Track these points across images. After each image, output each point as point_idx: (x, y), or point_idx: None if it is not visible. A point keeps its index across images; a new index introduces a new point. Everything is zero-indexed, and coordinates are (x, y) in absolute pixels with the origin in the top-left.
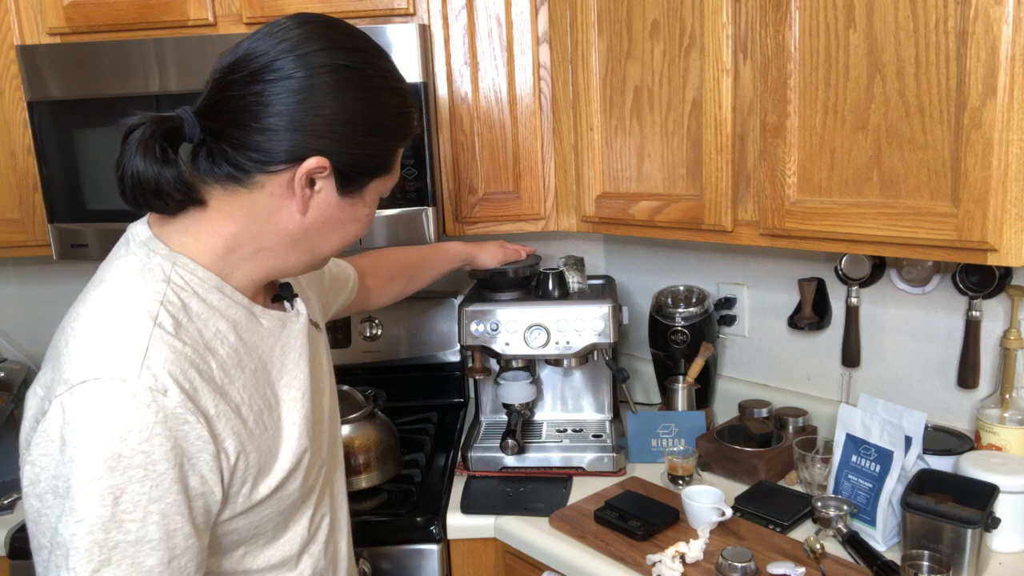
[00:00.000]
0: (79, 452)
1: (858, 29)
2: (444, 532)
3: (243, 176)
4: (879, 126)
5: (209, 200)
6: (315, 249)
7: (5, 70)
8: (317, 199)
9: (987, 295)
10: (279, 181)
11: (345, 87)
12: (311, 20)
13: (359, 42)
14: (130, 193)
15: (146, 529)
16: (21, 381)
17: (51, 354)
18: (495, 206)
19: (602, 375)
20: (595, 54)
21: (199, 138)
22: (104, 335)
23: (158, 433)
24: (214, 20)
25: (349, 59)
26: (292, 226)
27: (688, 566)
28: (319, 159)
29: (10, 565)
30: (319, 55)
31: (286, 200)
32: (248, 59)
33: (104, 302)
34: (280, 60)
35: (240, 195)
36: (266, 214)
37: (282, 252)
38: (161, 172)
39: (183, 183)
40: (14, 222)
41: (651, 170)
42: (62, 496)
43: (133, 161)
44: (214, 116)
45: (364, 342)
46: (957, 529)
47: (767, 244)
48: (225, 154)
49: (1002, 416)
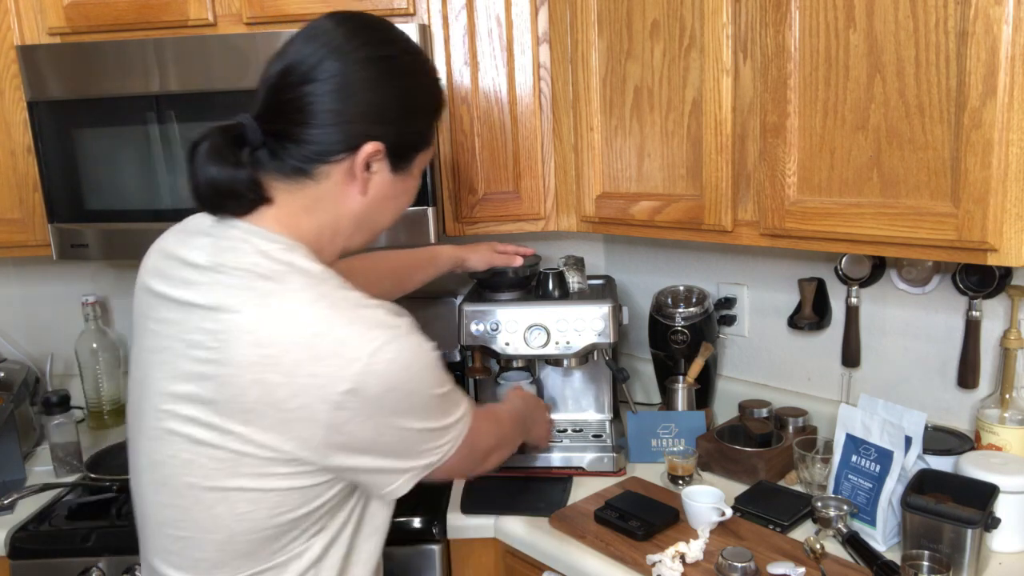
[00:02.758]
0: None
1: (858, 29)
2: (444, 532)
3: (308, 168)
4: (879, 126)
5: (276, 197)
6: (375, 225)
7: (5, 70)
8: (375, 179)
9: (987, 295)
10: (340, 169)
11: (389, 76)
12: (348, 19)
13: (392, 33)
14: (207, 199)
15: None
16: (21, 381)
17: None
18: (495, 206)
19: (602, 375)
20: (595, 54)
21: (260, 141)
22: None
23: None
24: (214, 20)
25: (388, 50)
26: (356, 208)
27: (688, 566)
28: (374, 144)
29: (10, 565)
30: (362, 50)
31: (348, 186)
32: (298, 63)
33: (321, 298)
34: (327, 60)
35: (307, 187)
36: (333, 201)
37: (350, 234)
38: (235, 175)
39: (256, 183)
40: (14, 222)
41: (651, 170)
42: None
43: (206, 169)
44: (274, 118)
45: None
46: (957, 529)
47: (767, 244)
48: (288, 151)
49: (1002, 416)
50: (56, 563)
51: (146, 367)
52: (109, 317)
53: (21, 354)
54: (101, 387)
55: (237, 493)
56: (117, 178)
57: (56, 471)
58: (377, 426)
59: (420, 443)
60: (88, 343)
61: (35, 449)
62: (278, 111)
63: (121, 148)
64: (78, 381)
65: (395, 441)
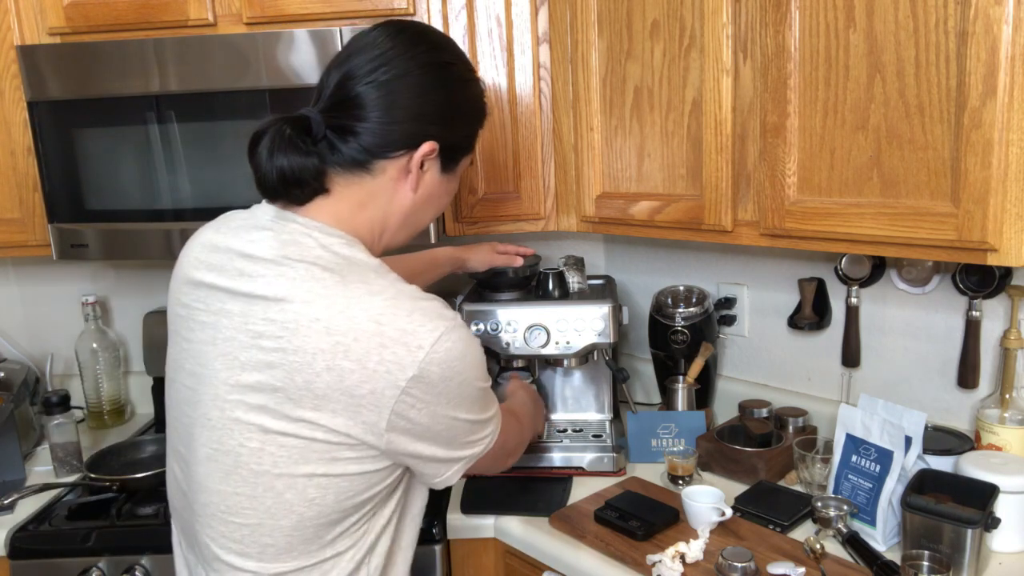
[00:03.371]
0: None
1: (858, 29)
2: (444, 532)
3: (367, 161)
4: (879, 126)
5: (332, 188)
6: (418, 222)
7: (5, 70)
8: (425, 178)
9: (987, 295)
10: (397, 165)
11: (447, 80)
12: (409, 27)
13: (446, 42)
14: (271, 186)
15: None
16: (21, 381)
17: (379, 342)
18: (495, 206)
19: (602, 375)
20: (595, 54)
21: (323, 134)
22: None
23: (480, 347)
24: (214, 20)
25: (447, 57)
26: (407, 204)
27: (688, 566)
28: (431, 143)
29: (10, 565)
30: (425, 55)
31: (401, 182)
32: (362, 64)
33: (384, 289)
34: (394, 61)
35: (364, 181)
36: (387, 197)
37: (397, 230)
38: (304, 163)
39: (321, 172)
40: (14, 222)
41: (651, 170)
42: (465, 398)
43: (275, 158)
44: (338, 113)
45: None
46: (957, 529)
47: (767, 244)
48: (349, 144)
49: (1002, 416)
50: (56, 563)
51: (203, 359)
52: (109, 317)
53: (21, 354)
54: (101, 387)
55: (306, 479)
56: (117, 178)
57: (56, 471)
58: (433, 414)
59: (467, 434)
60: (88, 343)
61: (35, 449)
62: (343, 106)
63: (121, 148)
64: (78, 381)
65: (445, 429)
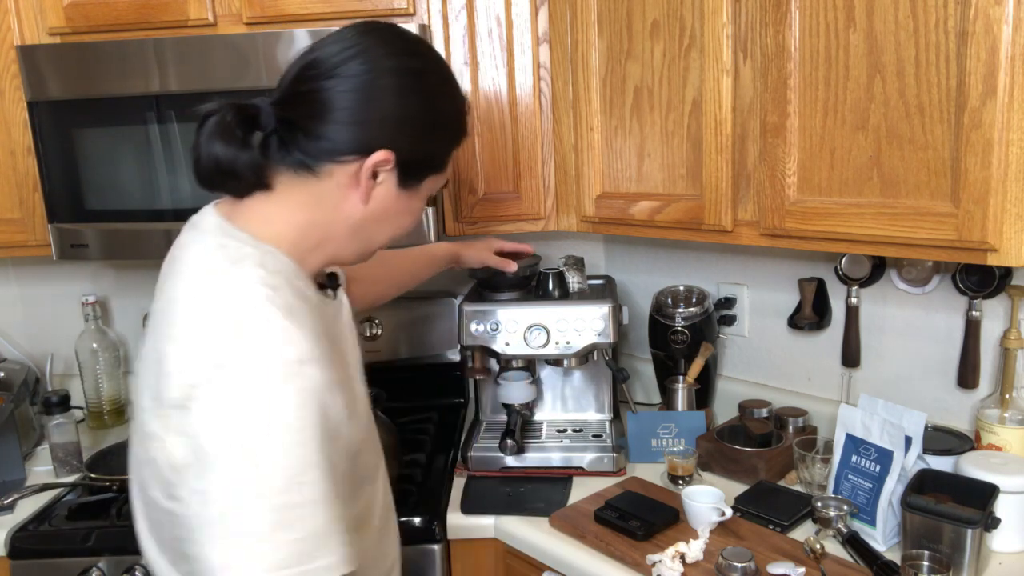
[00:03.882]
0: (241, 427)
1: (858, 29)
2: (444, 532)
3: (314, 164)
4: (879, 126)
5: (276, 186)
6: (371, 239)
7: (5, 70)
8: (379, 190)
9: (987, 295)
10: (346, 171)
11: (414, 89)
12: (384, 27)
13: (424, 48)
14: (206, 174)
15: (308, 490)
16: (21, 381)
17: (177, 341)
18: (495, 206)
19: (602, 375)
20: (595, 54)
21: (272, 127)
22: (231, 320)
23: (305, 403)
24: (214, 20)
25: (417, 64)
26: (355, 215)
27: (688, 566)
28: (386, 152)
29: (10, 565)
30: (392, 59)
31: (351, 190)
32: (324, 59)
33: (215, 292)
34: (355, 60)
35: (309, 183)
36: (332, 203)
37: (343, 241)
38: (239, 155)
39: (257, 166)
40: (14, 222)
41: (651, 170)
42: (229, 468)
43: (211, 144)
44: (290, 107)
45: (364, 342)
46: (957, 529)
47: (767, 244)
48: (298, 142)
49: (1002, 416)
50: (56, 563)
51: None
52: (109, 317)
53: (21, 354)
54: (101, 387)
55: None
56: (117, 178)
57: (56, 471)
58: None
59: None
60: (88, 343)
61: (35, 449)
62: (295, 101)
63: (121, 148)
64: (78, 381)
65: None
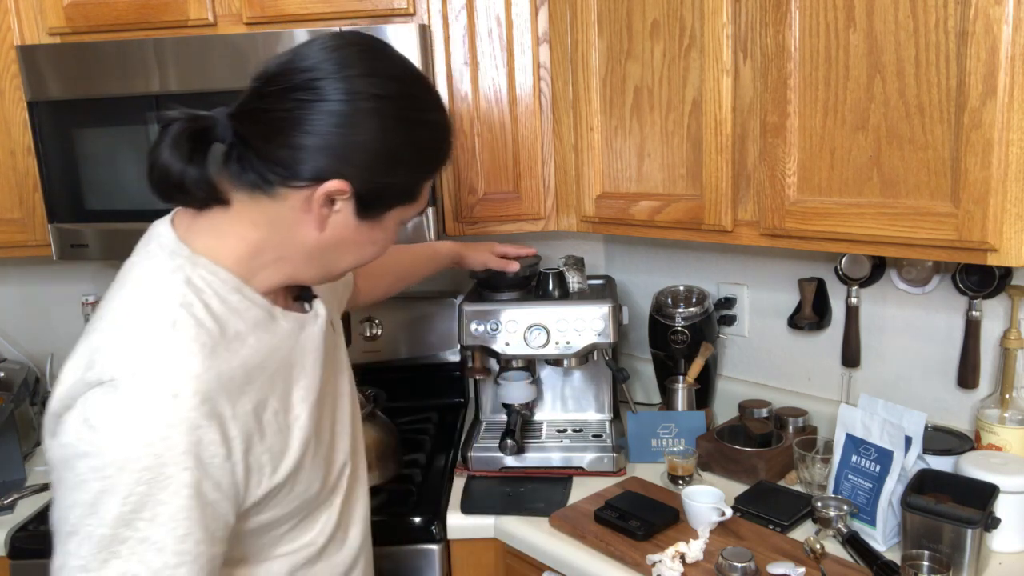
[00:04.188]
0: (95, 449)
1: (858, 29)
2: (444, 532)
3: (266, 186)
4: (879, 126)
5: (233, 202)
6: (330, 265)
7: (5, 70)
8: (335, 219)
9: (987, 295)
10: (300, 196)
11: (376, 116)
12: (354, 43)
13: (398, 71)
14: (156, 185)
15: (154, 529)
16: (21, 381)
17: (77, 352)
18: (495, 206)
19: (602, 375)
20: (595, 54)
21: (231, 140)
22: (125, 338)
23: (168, 436)
24: (214, 20)
25: (385, 88)
26: (309, 241)
27: (688, 566)
28: (340, 182)
29: (10, 565)
30: (356, 81)
31: (305, 214)
32: (287, 73)
33: (125, 305)
34: (318, 81)
35: (263, 203)
36: (286, 226)
37: (300, 264)
38: (186, 169)
39: (206, 182)
40: (14, 222)
41: (651, 170)
42: (75, 489)
43: (162, 155)
44: (246, 123)
45: (364, 342)
46: (957, 529)
47: (767, 244)
48: (251, 162)
49: (1002, 416)
50: None
51: None
52: None
53: (21, 354)
54: None
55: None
56: (117, 178)
57: None
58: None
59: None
60: None
61: (35, 449)
62: (252, 118)
63: (121, 148)
64: None
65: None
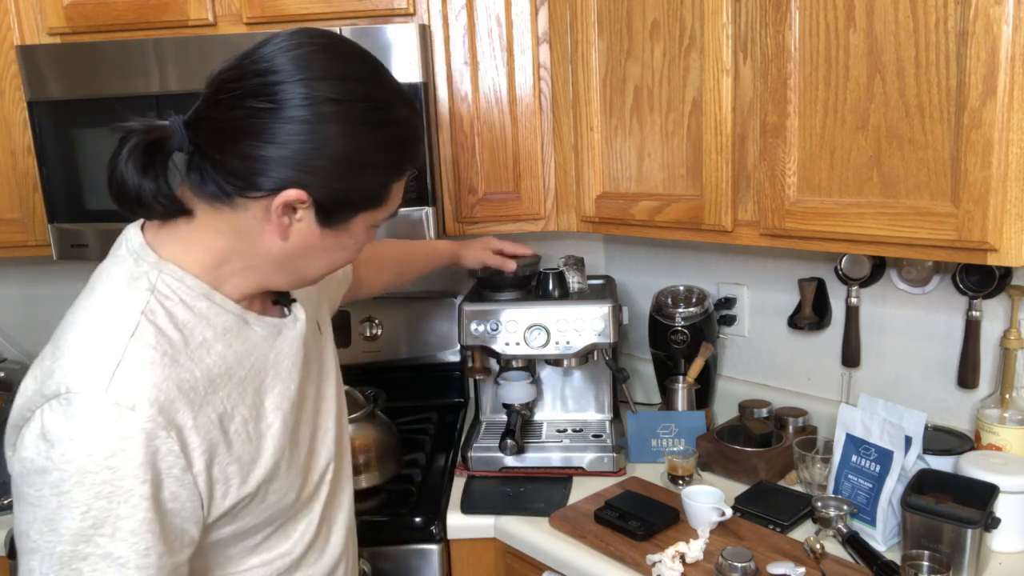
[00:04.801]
0: (52, 464)
1: (858, 29)
2: (444, 532)
3: (225, 197)
4: (879, 126)
5: (197, 212)
6: (301, 272)
7: (5, 70)
8: (298, 227)
9: (987, 295)
10: (259, 206)
11: (332, 121)
12: (309, 43)
13: (358, 70)
14: (115, 199)
15: (115, 545)
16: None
17: (38, 361)
18: (495, 206)
19: (602, 375)
20: (595, 54)
21: (189, 149)
22: (82, 348)
23: (124, 449)
24: (214, 20)
25: (343, 91)
26: (275, 250)
27: (688, 566)
28: (297, 192)
29: (10, 565)
30: (311, 84)
31: (266, 223)
32: (240, 78)
33: (87, 313)
34: (270, 87)
35: (225, 213)
36: (250, 235)
37: (269, 271)
38: (142, 183)
39: (164, 196)
40: (14, 222)
41: (651, 170)
42: (35, 504)
43: (118, 168)
44: (200, 133)
45: (364, 342)
46: (957, 529)
47: (767, 244)
48: (209, 172)
49: (1002, 416)
50: None
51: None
52: None
53: (21, 354)
54: None
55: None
56: None
57: None
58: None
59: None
60: None
61: None
62: (205, 126)
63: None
64: None
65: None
